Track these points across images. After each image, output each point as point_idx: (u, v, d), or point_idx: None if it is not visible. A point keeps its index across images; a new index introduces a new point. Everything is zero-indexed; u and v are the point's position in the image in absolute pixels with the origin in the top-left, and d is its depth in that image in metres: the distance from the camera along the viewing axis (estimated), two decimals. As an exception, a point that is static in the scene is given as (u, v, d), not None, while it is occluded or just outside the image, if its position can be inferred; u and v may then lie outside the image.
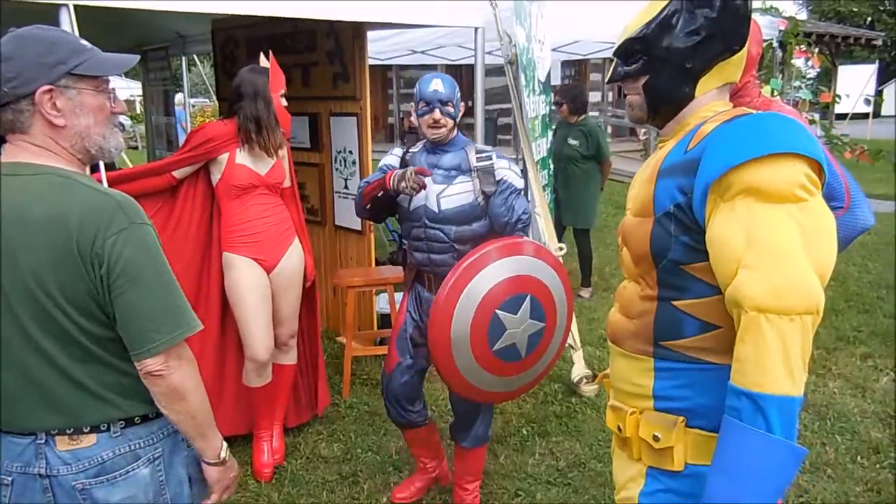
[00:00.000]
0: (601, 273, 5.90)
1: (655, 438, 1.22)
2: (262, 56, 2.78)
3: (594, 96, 14.72)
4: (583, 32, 5.54)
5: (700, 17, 1.20)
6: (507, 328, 2.20)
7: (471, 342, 2.17)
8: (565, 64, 10.86)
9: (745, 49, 1.24)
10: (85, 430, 1.29)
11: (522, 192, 2.37)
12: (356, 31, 3.71)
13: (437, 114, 2.28)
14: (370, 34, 4.07)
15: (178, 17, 4.30)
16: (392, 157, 2.48)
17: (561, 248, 3.84)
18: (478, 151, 2.34)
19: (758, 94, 1.93)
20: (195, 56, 6.20)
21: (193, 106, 16.04)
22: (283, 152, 2.87)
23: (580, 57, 7.47)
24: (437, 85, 2.28)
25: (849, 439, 3.11)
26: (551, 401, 3.57)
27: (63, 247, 1.20)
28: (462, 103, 2.39)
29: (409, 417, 2.55)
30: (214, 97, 5.42)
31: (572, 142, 4.99)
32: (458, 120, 2.36)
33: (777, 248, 1.03)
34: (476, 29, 3.53)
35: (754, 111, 1.21)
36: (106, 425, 1.30)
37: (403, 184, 2.23)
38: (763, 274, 1.02)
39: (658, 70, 1.24)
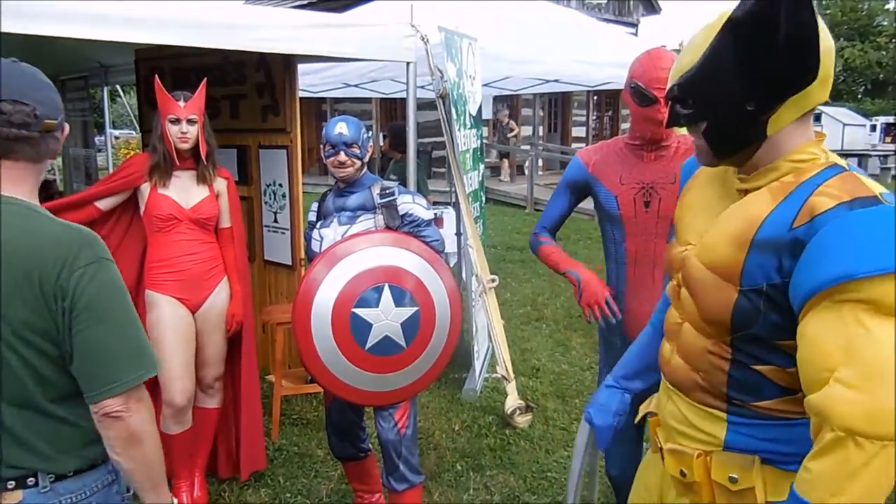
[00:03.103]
0: (534, 303, 5.97)
1: (732, 480, 1.13)
2: (156, 80, 2.67)
3: (525, 130, 15.13)
4: (513, 69, 5.68)
5: (757, 51, 1.02)
6: (374, 323, 2.29)
7: (341, 351, 2.28)
8: (497, 99, 11.11)
9: (827, 72, 1.04)
10: (10, 487, 1.19)
11: (432, 222, 2.49)
12: (286, 64, 3.67)
13: (342, 156, 2.38)
14: (302, 67, 4.04)
15: (99, 46, 4.15)
16: (312, 213, 2.59)
17: (493, 280, 3.87)
18: (382, 189, 2.45)
19: None
20: (118, 87, 5.99)
21: (117, 138, 15.53)
22: (223, 189, 2.79)
23: (511, 92, 7.65)
24: (341, 128, 2.38)
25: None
26: (485, 433, 3.55)
27: (26, 279, 1.16)
28: (371, 143, 2.49)
29: (350, 450, 2.60)
30: (138, 129, 5.25)
31: (392, 177, 5.03)
32: (365, 160, 2.45)
33: (880, 369, 0.92)
34: (408, 64, 3.56)
35: (871, 195, 1.00)
36: (34, 479, 1.21)
37: None
38: (861, 395, 0.92)
39: (715, 115, 1.09)
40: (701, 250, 1.16)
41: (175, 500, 1.38)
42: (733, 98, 1.06)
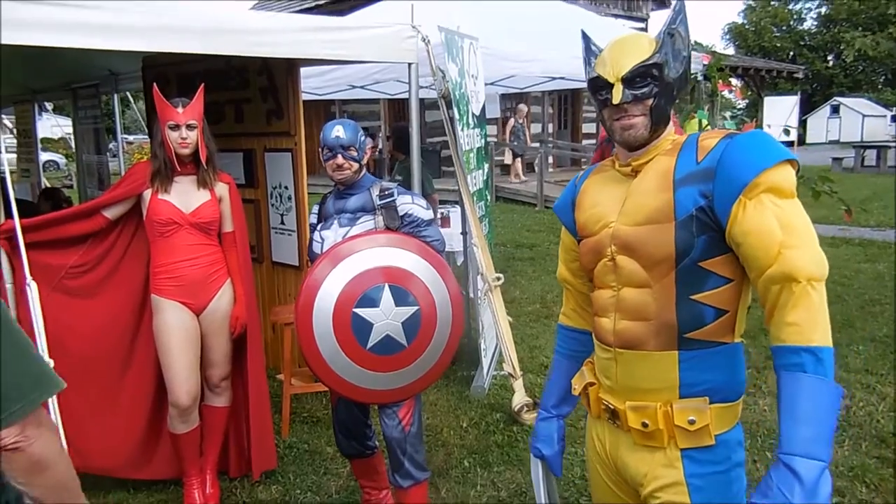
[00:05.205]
0: (543, 300, 5.98)
1: (691, 422, 1.36)
2: (154, 87, 2.71)
3: (535, 128, 15.09)
4: (518, 68, 5.68)
5: (681, 53, 1.39)
6: (374, 323, 2.32)
7: (343, 350, 2.31)
8: (504, 97, 11.10)
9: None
10: None
11: (432, 222, 2.51)
12: (289, 68, 3.72)
13: (339, 159, 2.40)
14: (306, 70, 4.09)
15: (108, 54, 4.23)
16: (313, 216, 2.62)
17: (499, 278, 3.89)
18: (381, 189, 2.47)
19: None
20: (129, 93, 6.08)
21: (130, 143, 15.73)
22: (225, 194, 2.83)
23: (517, 90, 7.65)
24: (338, 131, 2.40)
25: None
26: (493, 430, 3.57)
27: None
28: (369, 146, 2.51)
29: (357, 447, 2.62)
30: (148, 134, 5.33)
31: (397, 177, 5.05)
32: (363, 162, 2.48)
33: (807, 230, 1.25)
34: (409, 65, 3.58)
35: (731, 131, 1.39)
36: None
37: None
38: (806, 251, 1.23)
39: (663, 94, 1.38)
40: (626, 218, 1.41)
41: None
42: (675, 82, 1.39)
